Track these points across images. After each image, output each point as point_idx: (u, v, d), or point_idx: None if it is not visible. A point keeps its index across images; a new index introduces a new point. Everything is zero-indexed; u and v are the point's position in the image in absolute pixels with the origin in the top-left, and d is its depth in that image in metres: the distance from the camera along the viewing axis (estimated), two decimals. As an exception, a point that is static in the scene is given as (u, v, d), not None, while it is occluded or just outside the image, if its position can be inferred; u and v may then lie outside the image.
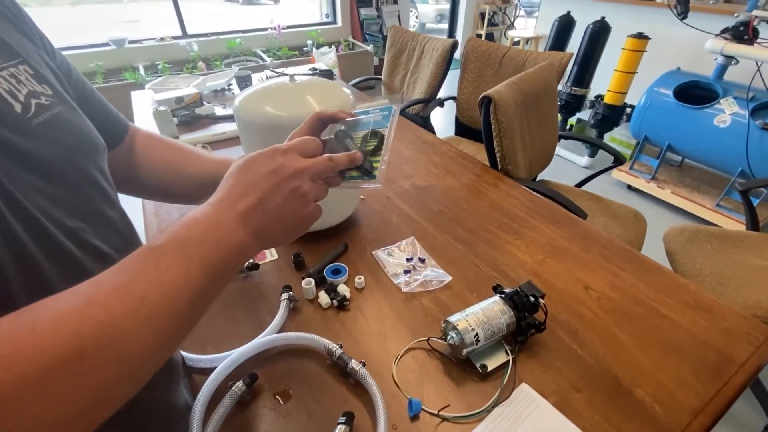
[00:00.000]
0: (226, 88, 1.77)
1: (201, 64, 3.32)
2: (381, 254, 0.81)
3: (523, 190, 1.04)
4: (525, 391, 0.56)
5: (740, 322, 0.66)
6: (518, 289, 0.63)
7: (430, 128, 2.15)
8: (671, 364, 0.59)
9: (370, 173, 0.41)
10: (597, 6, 3.20)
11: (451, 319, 0.59)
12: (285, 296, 0.67)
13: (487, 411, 0.53)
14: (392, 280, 0.75)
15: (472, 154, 1.26)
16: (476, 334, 0.57)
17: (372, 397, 0.52)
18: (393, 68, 2.36)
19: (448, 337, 0.59)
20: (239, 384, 0.53)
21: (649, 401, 0.55)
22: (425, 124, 2.06)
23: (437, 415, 0.53)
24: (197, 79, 1.75)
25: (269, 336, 0.61)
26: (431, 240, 0.85)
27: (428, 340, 0.63)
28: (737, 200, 2.12)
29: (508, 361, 0.59)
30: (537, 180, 1.63)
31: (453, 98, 2.12)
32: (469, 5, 5.16)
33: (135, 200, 0.64)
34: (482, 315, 0.59)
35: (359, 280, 0.73)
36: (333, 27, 4.21)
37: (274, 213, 0.34)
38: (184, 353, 0.59)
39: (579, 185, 1.66)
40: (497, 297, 0.63)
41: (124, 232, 0.42)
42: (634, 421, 0.52)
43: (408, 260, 0.79)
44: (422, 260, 0.79)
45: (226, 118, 1.46)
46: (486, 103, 1.18)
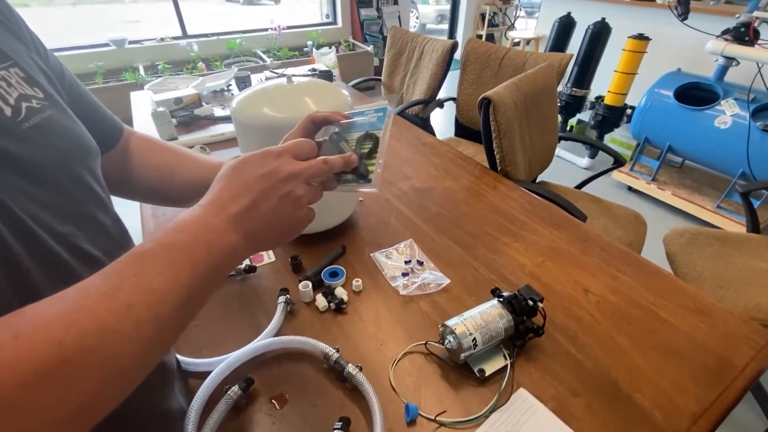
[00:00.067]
0: (226, 89, 1.76)
1: (201, 65, 3.32)
2: (379, 257, 0.80)
3: (523, 192, 1.04)
4: (523, 396, 0.55)
5: (740, 326, 0.66)
6: (517, 293, 0.62)
7: (430, 129, 2.14)
8: (671, 369, 0.59)
9: (366, 177, 0.40)
10: (597, 7, 3.19)
11: (449, 323, 0.58)
12: (282, 299, 0.67)
13: (485, 416, 0.53)
14: (390, 283, 0.74)
15: (472, 156, 1.26)
16: (474, 339, 0.56)
17: (368, 402, 0.52)
18: (393, 69, 2.36)
19: (446, 341, 0.58)
20: (235, 388, 0.53)
21: (649, 406, 0.54)
22: (425, 125, 2.06)
23: (434, 421, 0.52)
24: (196, 80, 1.75)
25: (266, 339, 0.60)
26: (430, 242, 0.85)
27: (426, 344, 0.62)
28: (738, 202, 2.12)
29: (506, 366, 0.58)
30: (537, 181, 1.63)
31: (453, 99, 2.11)
32: (470, 6, 5.16)
33: (132, 202, 0.64)
34: (480, 319, 0.58)
35: (357, 283, 0.72)
36: (333, 27, 4.22)
37: (267, 216, 0.34)
38: (180, 356, 0.58)
39: (579, 186, 1.66)
40: (495, 300, 0.62)
41: (117, 237, 0.42)
42: (633, 427, 0.52)
43: (406, 263, 0.78)
44: (420, 263, 0.79)
45: (225, 119, 1.45)
46: (485, 105, 1.17)
